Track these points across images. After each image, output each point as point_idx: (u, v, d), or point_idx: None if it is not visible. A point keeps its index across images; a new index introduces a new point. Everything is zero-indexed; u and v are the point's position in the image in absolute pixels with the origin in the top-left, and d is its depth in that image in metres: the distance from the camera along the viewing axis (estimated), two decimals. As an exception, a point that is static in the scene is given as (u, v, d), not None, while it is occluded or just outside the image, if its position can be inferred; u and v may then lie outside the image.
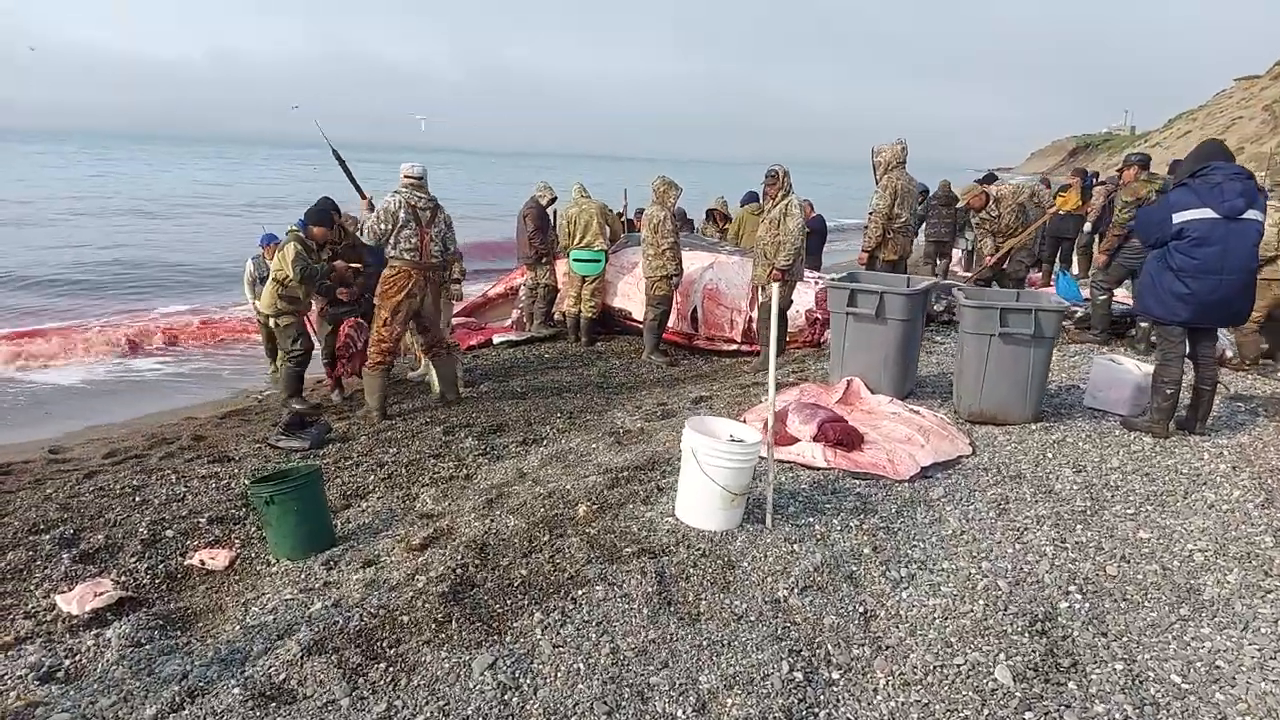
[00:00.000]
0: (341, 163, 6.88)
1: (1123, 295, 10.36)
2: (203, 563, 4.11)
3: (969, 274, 11.20)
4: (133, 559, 4.16)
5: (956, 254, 13.79)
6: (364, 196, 6.79)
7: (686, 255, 8.74)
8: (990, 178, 12.64)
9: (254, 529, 4.48)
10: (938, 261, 13.40)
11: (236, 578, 4.00)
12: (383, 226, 6.32)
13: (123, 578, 3.98)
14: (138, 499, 4.96)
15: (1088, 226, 13.80)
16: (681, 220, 10.74)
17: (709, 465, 3.52)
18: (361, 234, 6.47)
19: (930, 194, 12.97)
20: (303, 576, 3.79)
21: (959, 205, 11.92)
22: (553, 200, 9.57)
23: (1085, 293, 10.32)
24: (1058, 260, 13.03)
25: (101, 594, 3.75)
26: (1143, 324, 7.81)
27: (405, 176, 6.56)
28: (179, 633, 3.39)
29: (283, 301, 7.06)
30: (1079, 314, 8.78)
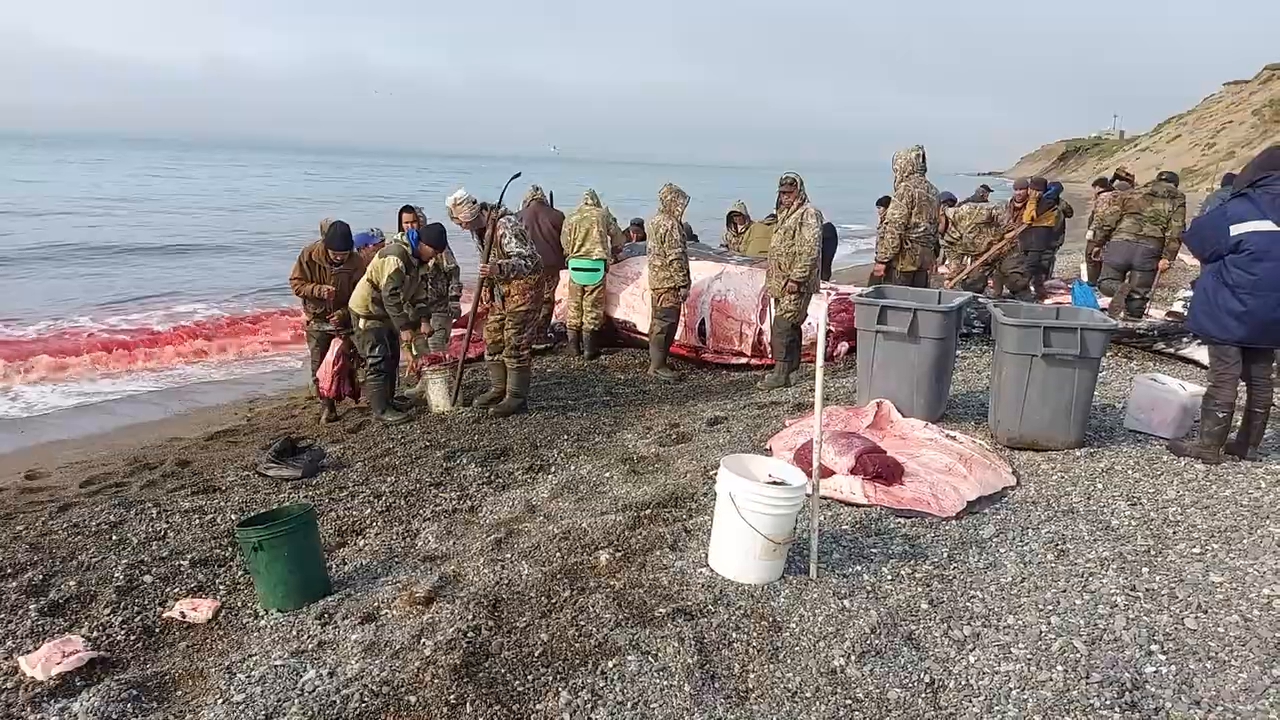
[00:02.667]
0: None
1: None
2: (183, 615, 3.71)
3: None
4: (107, 610, 3.76)
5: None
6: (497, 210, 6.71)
7: (693, 265, 8.39)
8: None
9: (240, 573, 4.10)
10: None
11: (220, 632, 3.60)
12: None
13: (95, 633, 3.58)
14: (114, 537, 4.56)
15: (1090, 235, 13.59)
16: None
17: (749, 511, 3.16)
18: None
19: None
20: (294, 633, 3.41)
21: None
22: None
23: (1103, 301, 10.08)
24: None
25: (71, 654, 3.35)
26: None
27: (471, 203, 6.61)
28: (155, 704, 3.01)
29: (374, 305, 6.74)
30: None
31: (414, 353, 7.75)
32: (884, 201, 11.99)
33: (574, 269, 8.87)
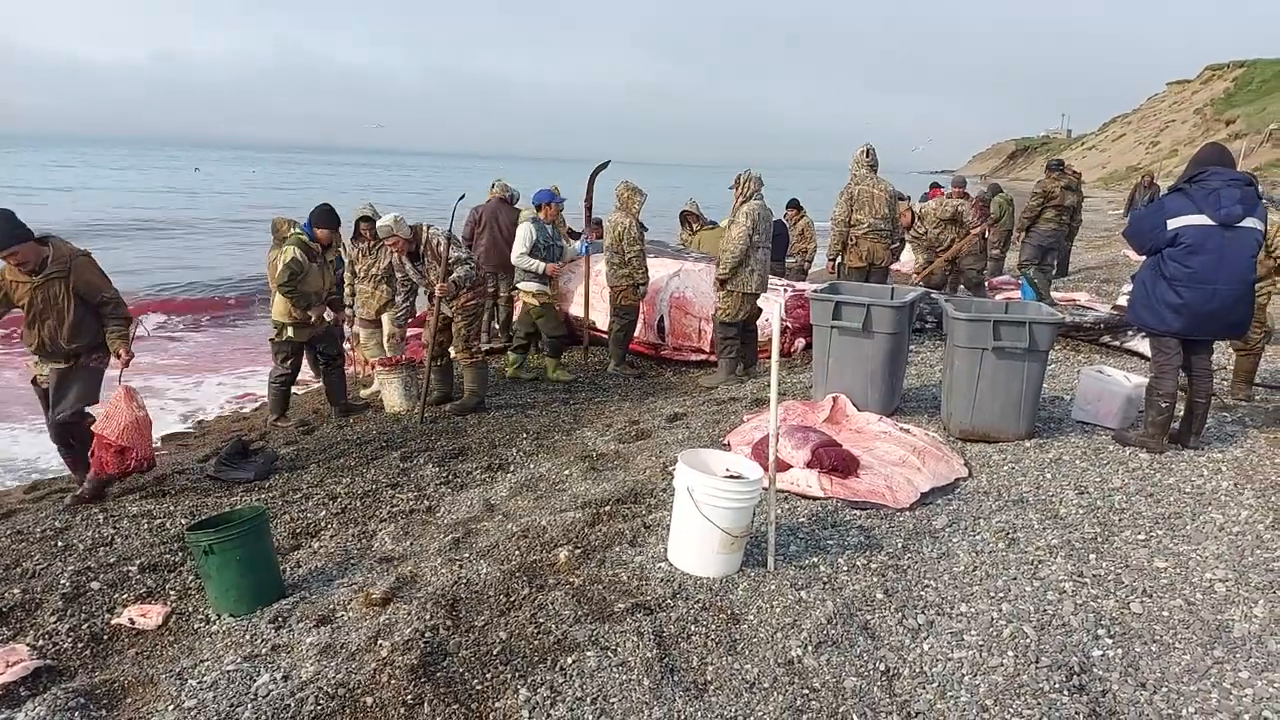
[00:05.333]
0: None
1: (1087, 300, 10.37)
2: (132, 621, 3.63)
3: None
4: (53, 618, 3.67)
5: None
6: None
7: (652, 263, 8.40)
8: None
9: (191, 577, 4.02)
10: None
11: (171, 638, 3.53)
12: None
13: (41, 642, 3.50)
14: (60, 544, 4.44)
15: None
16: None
17: (707, 505, 3.18)
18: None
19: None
20: (247, 637, 3.35)
21: None
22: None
23: (1052, 295, 10.33)
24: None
25: (15, 664, 3.27)
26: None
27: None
28: (104, 713, 2.93)
29: (298, 311, 6.61)
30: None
31: (366, 356, 7.66)
32: (792, 204, 12.26)
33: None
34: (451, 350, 7.01)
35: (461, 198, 7.12)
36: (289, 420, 6.99)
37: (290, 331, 6.66)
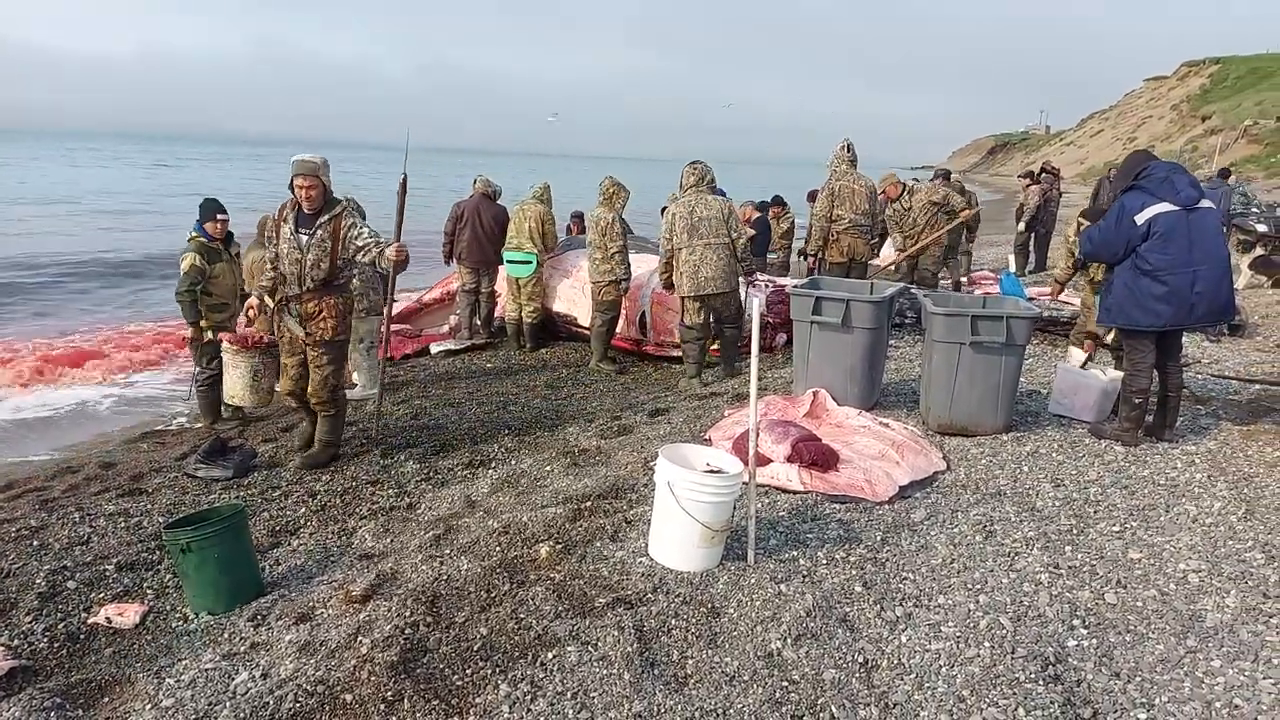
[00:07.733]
0: None
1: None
2: (109, 620, 3.61)
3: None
4: (28, 617, 3.64)
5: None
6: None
7: (634, 258, 8.40)
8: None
9: (169, 576, 4.00)
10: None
11: (149, 637, 3.51)
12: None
13: (16, 641, 3.47)
14: (35, 542, 4.40)
15: (1021, 226, 14.00)
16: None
17: (687, 500, 3.20)
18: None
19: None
20: (226, 636, 3.34)
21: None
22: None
23: (1030, 291, 10.41)
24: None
25: (-11, 665, 3.24)
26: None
27: None
28: (80, 712, 2.91)
29: (212, 313, 6.55)
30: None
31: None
32: (777, 201, 12.29)
33: (507, 260, 8.86)
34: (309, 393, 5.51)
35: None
36: (227, 423, 6.85)
37: (210, 334, 6.62)
